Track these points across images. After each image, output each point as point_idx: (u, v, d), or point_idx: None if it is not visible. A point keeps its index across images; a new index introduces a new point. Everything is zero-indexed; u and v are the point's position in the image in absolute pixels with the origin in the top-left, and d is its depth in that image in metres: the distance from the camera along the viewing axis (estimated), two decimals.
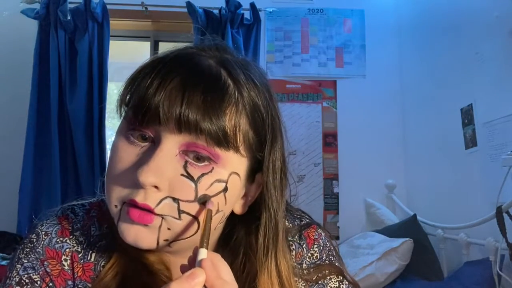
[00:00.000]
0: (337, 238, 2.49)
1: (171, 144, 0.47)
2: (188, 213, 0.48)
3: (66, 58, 2.40)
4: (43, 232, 0.56)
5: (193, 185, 0.47)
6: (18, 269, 0.54)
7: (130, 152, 0.48)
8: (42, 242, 0.55)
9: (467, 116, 1.94)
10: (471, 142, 1.91)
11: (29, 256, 0.54)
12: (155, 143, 0.48)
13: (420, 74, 2.47)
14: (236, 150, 0.49)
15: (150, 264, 0.54)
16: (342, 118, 2.64)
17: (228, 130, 0.47)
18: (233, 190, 0.50)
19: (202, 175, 0.47)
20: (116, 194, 0.48)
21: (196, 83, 0.47)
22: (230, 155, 0.49)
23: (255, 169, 0.54)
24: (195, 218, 0.48)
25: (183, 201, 0.47)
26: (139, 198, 0.46)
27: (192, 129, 0.46)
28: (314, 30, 2.71)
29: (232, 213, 0.55)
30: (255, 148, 0.52)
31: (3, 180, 2.36)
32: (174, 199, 0.47)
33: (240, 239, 0.56)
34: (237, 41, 2.50)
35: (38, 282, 0.54)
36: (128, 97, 0.49)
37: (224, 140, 0.47)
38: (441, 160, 2.18)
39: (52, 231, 0.56)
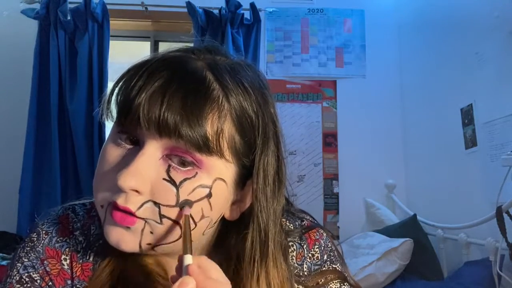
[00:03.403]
0: (337, 238, 2.49)
1: (154, 147, 0.46)
2: (169, 218, 0.47)
3: (66, 58, 2.40)
4: (44, 232, 0.56)
5: (174, 190, 0.46)
6: (19, 268, 0.54)
7: (116, 154, 0.48)
8: (43, 241, 0.55)
9: (467, 116, 1.94)
10: (471, 142, 1.91)
11: (30, 255, 0.55)
12: (139, 146, 0.47)
13: (420, 74, 2.47)
14: (221, 155, 0.48)
15: (145, 263, 0.54)
16: (342, 118, 2.64)
17: (210, 136, 0.46)
18: (219, 196, 0.49)
19: (185, 179, 0.46)
20: (101, 195, 0.48)
21: (178, 86, 0.46)
22: (213, 160, 0.47)
23: (247, 175, 0.52)
24: (177, 223, 0.47)
25: (164, 205, 0.46)
26: (120, 201, 0.46)
27: (171, 134, 0.45)
28: (314, 30, 2.71)
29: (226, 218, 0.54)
30: (242, 154, 0.50)
31: (3, 180, 2.36)
32: (155, 203, 0.46)
33: (232, 244, 0.55)
34: (237, 41, 2.50)
35: (38, 281, 0.54)
36: (113, 97, 0.49)
37: (204, 146, 0.46)
38: (441, 160, 2.18)
39: (52, 230, 0.56)
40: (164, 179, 0.46)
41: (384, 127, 2.63)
